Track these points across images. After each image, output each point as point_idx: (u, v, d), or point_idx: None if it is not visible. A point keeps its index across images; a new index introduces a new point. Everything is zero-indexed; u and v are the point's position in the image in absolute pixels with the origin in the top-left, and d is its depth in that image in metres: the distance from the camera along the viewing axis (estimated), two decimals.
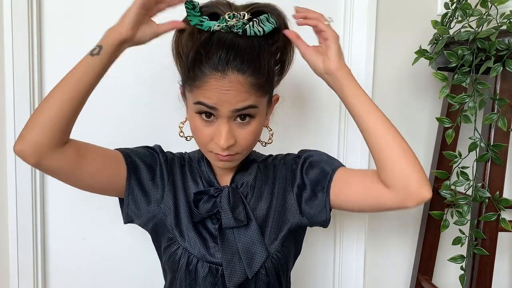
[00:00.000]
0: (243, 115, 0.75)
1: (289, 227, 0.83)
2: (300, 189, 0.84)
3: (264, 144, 0.86)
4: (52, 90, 0.74)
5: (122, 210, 0.85)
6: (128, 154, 0.83)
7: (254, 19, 0.76)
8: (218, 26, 0.74)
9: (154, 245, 0.89)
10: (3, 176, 1.17)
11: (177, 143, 0.96)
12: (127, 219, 0.85)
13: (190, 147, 0.91)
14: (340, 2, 1.23)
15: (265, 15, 0.77)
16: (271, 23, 0.76)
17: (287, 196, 0.85)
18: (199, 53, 0.74)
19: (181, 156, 0.90)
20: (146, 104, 1.19)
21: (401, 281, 1.36)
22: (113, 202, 0.92)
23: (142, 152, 0.85)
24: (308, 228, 0.88)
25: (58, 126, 0.72)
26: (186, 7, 0.77)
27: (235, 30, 0.74)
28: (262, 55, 0.75)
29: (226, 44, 0.73)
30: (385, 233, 1.33)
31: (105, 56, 0.74)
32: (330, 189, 0.80)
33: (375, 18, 1.21)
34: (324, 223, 0.84)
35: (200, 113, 0.75)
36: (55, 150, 0.72)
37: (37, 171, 1.17)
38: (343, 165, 0.83)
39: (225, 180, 0.86)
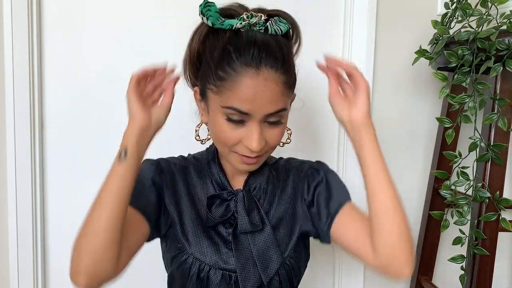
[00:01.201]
0: (275, 117, 0.73)
1: (300, 233, 0.82)
2: (309, 205, 0.84)
3: (282, 145, 0.83)
4: (92, 213, 0.69)
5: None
6: (143, 210, 0.77)
7: (271, 19, 0.76)
8: (240, 24, 0.72)
9: (162, 254, 0.87)
10: (3, 176, 1.17)
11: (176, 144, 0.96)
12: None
13: (189, 148, 0.91)
14: (340, 2, 1.23)
15: (276, 17, 0.77)
16: (285, 24, 0.76)
17: (297, 203, 0.84)
18: (226, 50, 0.71)
19: (183, 159, 0.87)
20: None
21: (401, 280, 1.36)
22: None
23: (143, 191, 0.79)
24: None
25: (111, 248, 0.66)
26: (203, 10, 0.74)
27: (257, 28, 0.73)
28: (288, 53, 0.75)
29: (257, 41, 0.71)
30: None
31: (132, 156, 0.70)
32: (333, 222, 0.80)
33: (375, 18, 1.21)
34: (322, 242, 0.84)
35: (229, 119, 0.72)
36: (114, 268, 0.68)
37: (37, 171, 1.17)
38: (350, 199, 0.83)
39: (237, 183, 0.84)
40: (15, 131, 1.15)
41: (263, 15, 0.74)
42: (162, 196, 0.80)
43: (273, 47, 0.72)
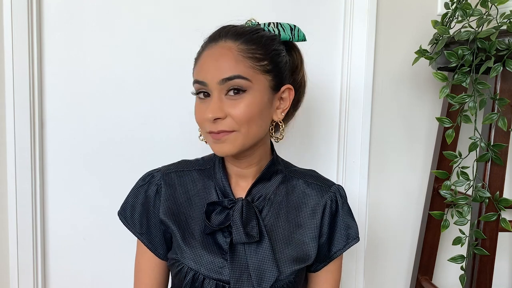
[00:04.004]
0: (234, 89, 0.72)
1: (308, 263, 0.81)
2: (320, 237, 0.83)
3: (276, 140, 0.82)
4: None
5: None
6: (162, 255, 0.85)
7: (272, 23, 0.80)
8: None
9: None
10: (3, 176, 1.17)
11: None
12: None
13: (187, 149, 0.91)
14: (340, 2, 1.23)
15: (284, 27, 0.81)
16: (287, 35, 0.81)
17: (311, 231, 0.82)
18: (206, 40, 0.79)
19: (185, 163, 0.86)
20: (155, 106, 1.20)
21: (401, 281, 1.36)
22: (113, 202, 0.91)
23: (147, 221, 0.83)
24: None
25: None
26: None
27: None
28: (264, 36, 0.77)
29: (231, 25, 0.78)
30: (385, 232, 1.33)
31: None
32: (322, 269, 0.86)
33: (375, 18, 1.21)
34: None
35: (197, 93, 0.76)
36: None
37: (37, 171, 1.17)
38: (346, 248, 0.85)
39: (241, 190, 0.82)
40: (15, 131, 1.15)
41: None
42: (159, 217, 0.82)
43: (242, 27, 0.77)
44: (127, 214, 0.84)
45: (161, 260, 0.85)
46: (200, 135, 0.81)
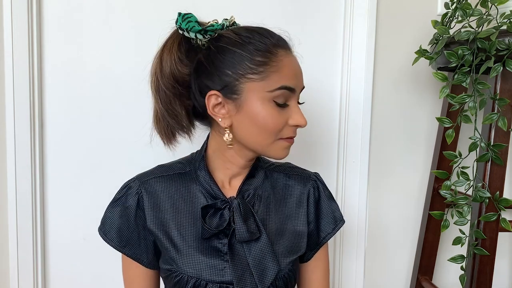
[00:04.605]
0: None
1: (301, 252, 0.84)
2: (309, 224, 0.86)
3: None
4: None
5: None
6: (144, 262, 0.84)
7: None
8: (224, 22, 0.77)
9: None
10: (3, 176, 1.17)
11: None
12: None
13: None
14: (340, 2, 1.23)
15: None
16: None
17: (300, 219, 0.84)
18: (262, 41, 0.73)
19: (162, 168, 0.84)
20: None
21: (401, 281, 1.36)
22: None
23: (128, 233, 0.82)
24: None
25: None
26: (181, 23, 0.77)
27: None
28: None
29: (256, 28, 0.77)
30: (385, 233, 1.33)
31: None
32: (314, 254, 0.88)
33: (375, 18, 1.21)
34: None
35: (277, 99, 0.73)
36: None
37: (37, 171, 1.17)
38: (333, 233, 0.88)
39: (228, 190, 0.82)
40: (15, 131, 1.15)
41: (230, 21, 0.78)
42: (147, 227, 0.81)
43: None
44: (106, 229, 0.81)
45: (148, 270, 0.84)
46: (229, 135, 0.76)
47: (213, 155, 0.81)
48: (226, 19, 0.77)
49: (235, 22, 0.78)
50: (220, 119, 0.75)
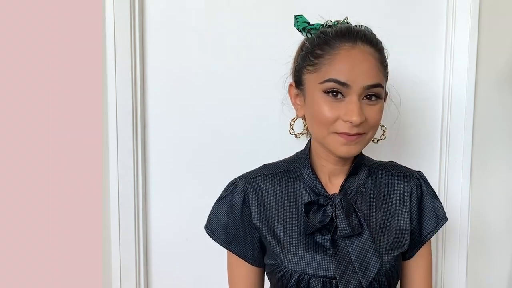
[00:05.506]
0: (371, 94, 0.75)
1: (404, 249, 0.84)
2: (411, 223, 0.86)
3: (376, 141, 0.85)
4: None
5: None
6: (253, 259, 0.85)
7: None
8: (329, 22, 0.81)
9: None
10: (106, 178, 1.17)
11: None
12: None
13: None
14: (443, 3, 1.21)
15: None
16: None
17: (403, 217, 0.84)
18: (323, 32, 0.77)
19: (267, 167, 0.87)
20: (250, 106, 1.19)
21: (504, 281, 1.32)
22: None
23: (234, 230, 0.84)
24: None
25: None
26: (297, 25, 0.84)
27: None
28: (382, 45, 0.80)
29: (351, 26, 0.79)
30: (487, 233, 1.31)
31: None
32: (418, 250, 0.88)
33: (477, 18, 1.19)
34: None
35: (327, 92, 0.74)
36: None
37: (139, 171, 1.18)
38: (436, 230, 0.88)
39: (332, 187, 0.83)
40: (117, 132, 1.16)
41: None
42: (252, 224, 0.83)
43: (367, 31, 0.78)
44: (212, 226, 0.85)
45: (254, 267, 0.85)
46: (291, 129, 0.85)
47: (313, 153, 0.84)
48: (338, 21, 0.81)
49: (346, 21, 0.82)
50: (296, 110, 0.83)
